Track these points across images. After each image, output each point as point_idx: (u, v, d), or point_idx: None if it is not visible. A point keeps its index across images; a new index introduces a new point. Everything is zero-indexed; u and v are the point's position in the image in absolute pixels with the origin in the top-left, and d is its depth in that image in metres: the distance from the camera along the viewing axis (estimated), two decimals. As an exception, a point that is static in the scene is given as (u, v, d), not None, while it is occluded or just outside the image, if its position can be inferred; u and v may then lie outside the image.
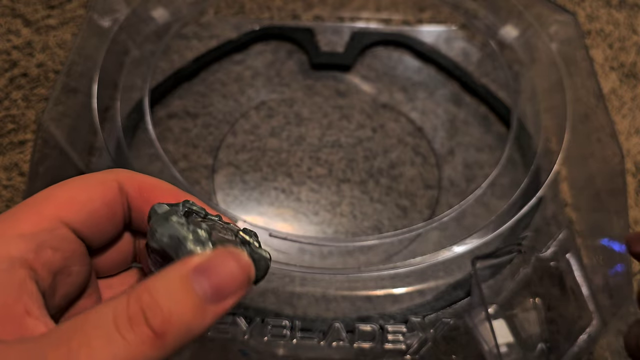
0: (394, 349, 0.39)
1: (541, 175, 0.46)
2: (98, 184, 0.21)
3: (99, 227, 0.21)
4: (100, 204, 0.21)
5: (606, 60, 0.58)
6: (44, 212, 0.19)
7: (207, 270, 0.17)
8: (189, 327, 0.16)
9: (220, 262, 0.17)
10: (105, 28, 0.51)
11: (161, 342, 0.16)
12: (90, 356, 0.15)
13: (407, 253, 0.45)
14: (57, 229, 0.19)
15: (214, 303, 0.17)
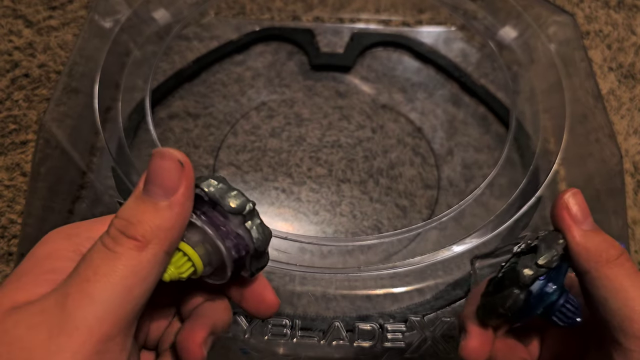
0: (394, 347, 0.39)
1: (540, 176, 0.46)
2: None
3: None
4: None
5: (605, 61, 0.58)
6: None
7: (149, 179, 0.21)
8: (162, 225, 0.20)
9: (155, 165, 0.21)
10: (107, 29, 0.52)
11: (145, 244, 0.19)
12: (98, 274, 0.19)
13: (407, 253, 0.45)
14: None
15: (168, 197, 0.20)
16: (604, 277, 0.22)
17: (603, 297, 0.22)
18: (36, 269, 0.20)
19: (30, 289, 0.19)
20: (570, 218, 0.23)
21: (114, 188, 0.45)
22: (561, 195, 0.24)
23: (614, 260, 0.22)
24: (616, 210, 0.44)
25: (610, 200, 0.45)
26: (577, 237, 0.23)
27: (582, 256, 0.23)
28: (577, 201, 0.23)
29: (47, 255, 0.21)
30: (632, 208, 0.49)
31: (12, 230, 0.46)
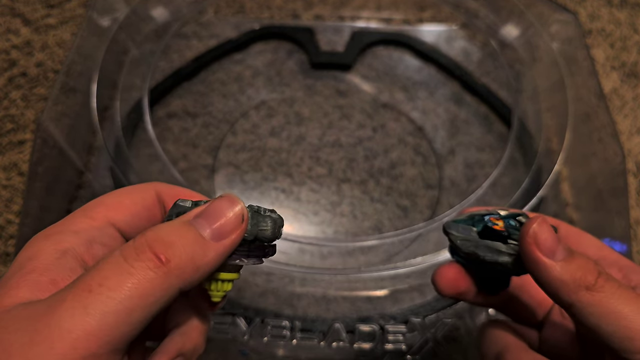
0: (395, 349, 0.39)
1: (542, 175, 0.46)
2: (140, 192, 0.24)
3: (139, 227, 0.24)
4: (141, 207, 0.24)
5: (607, 59, 0.58)
6: (95, 215, 0.22)
7: (205, 214, 0.20)
8: (192, 258, 0.19)
9: (217, 206, 0.20)
10: (105, 27, 0.51)
11: (165, 268, 0.18)
12: (102, 286, 0.17)
13: (408, 253, 0.45)
14: (106, 228, 0.22)
15: (214, 240, 0.20)
16: (589, 306, 0.21)
17: (595, 325, 0.21)
18: (19, 271, 0.20)
19: (13, 292, 0.19)
20: (540, 253, 0.22)
21: (112, 188, 0.44)
22: (526, 230, 0.22)
23: (592, 285, 0.21)
24: (619, 211, 0.44)
25: (613, 200, 0.45)
26: (552, 272, 0.22)
27: (562, 290, 0.22)
28: (544, 233, 0.22)
29: (28, 257, 0.20)
30: (634, 208, 0.48)
31: (10, 230, 0.45)
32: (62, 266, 0.20)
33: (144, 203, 0.24)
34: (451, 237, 0.25)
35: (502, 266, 0.24)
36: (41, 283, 0.19)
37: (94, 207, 0.23)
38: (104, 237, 0.22)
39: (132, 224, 0.23)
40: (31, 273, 0.20)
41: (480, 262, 0.24)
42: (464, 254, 0.25)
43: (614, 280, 0.22)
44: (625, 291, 0.21)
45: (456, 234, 0.25)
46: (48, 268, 0.20)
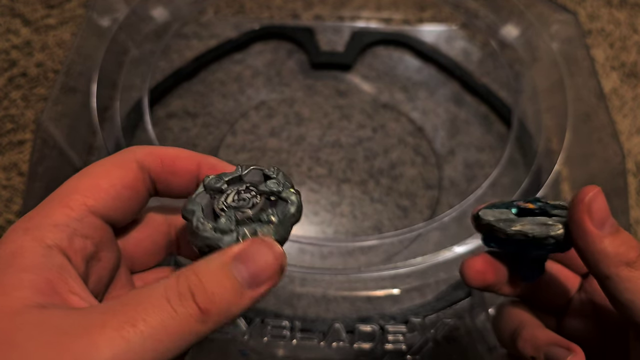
0: (395, 349, 0.39)
1: (542, 175, 0.46)
2: (118, 168, 0.22)
3: (123, 208, 0.22)
4: (121, 187, 0.22)
5: (607, 59, 0.58)
6: (73, 203, 0.21)
7: (244, 258, 0.20)
8: (229, 308, 0.19)
9: (256, 251, 0.20)
10: (105, 27, 0.51)
11: (205, 318, 0.18)
12: (146, 322, 0.17)
13: (408, 253, 0.45)
14: (86, 217, 0.21)
15: (251, 288, 0.19)
16: (625, 281, 0.22)
17: (629, 300, 0.22)
18: (7, 269, 0.19)
19: (15, 293, 0.18)
20: (591, 224, 0.22)
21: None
22: (582, 197, 0.22)
23: (633, 262, 0.22)
24: (619, 210, 0.44)
25: (613, 200, 0.45)
26: (599, 244, 0.22)
27: (602, 262, 0.22)
28: (599, 205, 0.22)
29: (12, 254, 0.19)
30: (634, 208, 0.48)
31: (9, 230, 0.45)
32: (51, 264, 0.19)
33: (124, 182, 0.22)
34: (487, 223, 0.24)
35: (553, 239, 0.23)
36: (39, 284, 0.18)
37: (70, 194, 0.21)
38: (85, 229, 0.21)
39: (113, 208, 0.22)
40: (23, 272, 0.19)
41: (525, 243, 0.24)
42: (505, 235, 0.24)
43: None
44: None
45: (494, 218, 0.24)
46: (38, 267, 0.19)
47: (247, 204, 0.22)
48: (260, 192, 0.22)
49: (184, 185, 0.24)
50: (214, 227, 0.21)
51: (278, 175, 0.23)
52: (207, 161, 0.24)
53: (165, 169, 0.23)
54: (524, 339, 0.26)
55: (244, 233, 0.21)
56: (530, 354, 0.26)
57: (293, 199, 0.22)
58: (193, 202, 0.22)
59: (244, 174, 0.23)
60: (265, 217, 0.21)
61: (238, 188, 0.22)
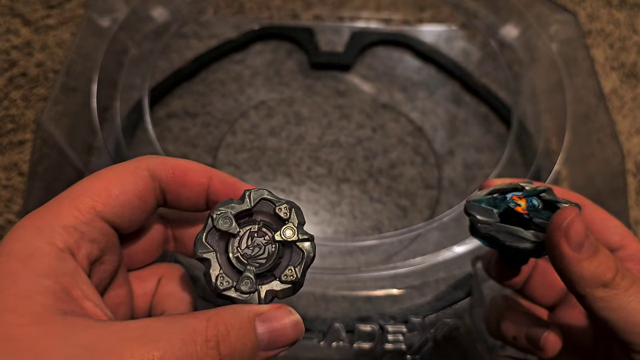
0: (394, 349, 0.39)
1: (542, 175, 0.46)
2: (130, 175, 0.22)
3: (131, 216, 0.22)
4: (132, 194, 0.22)
5: (607, 60, 0.58)
6: (82, 205, 0.21)
7: (268, 322, 0.21)
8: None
9: (279, 318, 0.21)
10: (105, 27, 0.51)
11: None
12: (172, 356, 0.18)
13: (407, 253, 0.45)
14: (94, 222, 0.21)
15: (265, 351, 0.20)
16: (600, 300, 0.22)
17: (605, 318, 0.22)
18: (23, 270, 0.19)
19: (36, 298, 0.18)
20: (568, 247, 0.22)
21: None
22: (559, 222, 0.22)
23: (609, 283, 0.22)
24: (618, 211, 0.44)
25: (612, 200, 0.45)
26: (575, 267, 0.22)
27: (579, 283, 0.22)
28: (576, 229, 0.22)
29: (28, 254, 0.19)
30: (634, 208, 0.48)
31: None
32: (65, 269, 0.19)
33: (136, 190, 0.22)
34: (472, 218, 0.25)
35: (521, 251, 0.24)
36: (56, 289, 0.18)
37: (79, 196, 0.21)
38: (93, 233, 0.21)
39: (121, 215, 0.22)
40: (41, 277, 0.19)
41: (499, 245, 0.25)
42: (482, 235, 0.25)
43: (629, 277, 0.22)
44: (639, 288, 0.22)
45: (477, 217, 0.25)
46: (53, 271, 0.19)
47: (261, 252, 0.22)
48: (273, 239, 0.22)
49: (193, 198, 0.24)
50: (235, 287, 0.22)
51: (291, 216, 0.23)
52: (218, 175, 0.24)
53: (176, 180, 0.23)
54: (508, 321, 0.27)
55: (266, 294, 0.22)
56: (512, 334, 0.27)
57: (308, 249, 0.22)
58: (204, 245, 0.22)
59: (253, 206, 0.23)
60: (285, 277, 0.22)
61: (250, 229, 0.23)
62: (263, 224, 0.23)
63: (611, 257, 0.22)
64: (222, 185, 0.24)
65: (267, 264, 0.22)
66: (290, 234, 0.22)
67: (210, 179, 0.24)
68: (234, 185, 0.24)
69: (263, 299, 0.22)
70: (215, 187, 0.24)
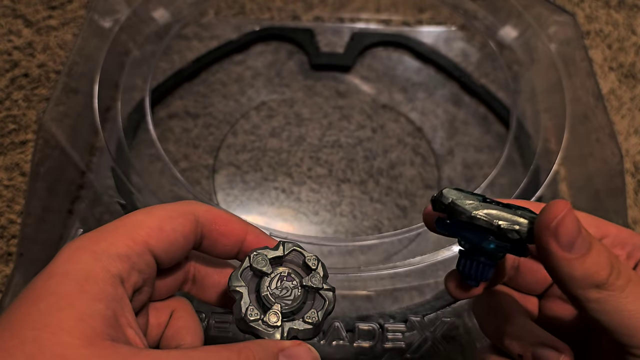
0: (394, 348, 0.39)
1: (540, 175, 0.46)
2: (180, 216, 0.24)
3: (174, 254, 0.24)
4: (180, 234, 0.24)
5: (605, 60, 0.58)
6: (137, 237, 0.22)
7: (291, 357, 0.22)
8: None
9: (301, 354, 0.22)
10: (106, 28, 0.51)
11: None
12: None
13: (407, 253, 0.45)
14: (144, 255, 0.22)
15: None
16: (593, 302, 0.21)
17: (597, 319, 0.21)
18: (80, 294, 0.20)
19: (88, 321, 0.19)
20: (558, 247, 0.20)
21: (114, 188, 0.44)
22: (548, 221, 0.20)
23: (602, 284, 0.20)
24: (617, 210, 0.44)
25: (610, 200, 0.45)
26: (565, 267, 0.21)
27: (570, 284, 0.21)
28: (566, 227, 0.20)
29: (84, 278, 0.20)
30: (632, 208, 0.48)
31: (12, 230, 0.46)
32: (116, 295, 0.21)
33: (183, 231, 0.24)
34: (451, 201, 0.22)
35: (518, 235, 0.21)
36: (107, 314, 0.20)
37: (136, 229, 0.22)
38: (141, 264, 0.22)
39: (167, 252, 0.23)
40: (96, 301, 0.20)
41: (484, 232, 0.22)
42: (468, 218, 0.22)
43: (625, 275, 0.21)
44: (636, 287, 0.21)
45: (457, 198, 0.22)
46: (107, 297, 0.20)
47: (289, 294, 0.25)
48: (302, 285, 0.25)
49: (229, 246, 0.26)
50: (263, 319, 0.24)
51: (318, 268, 0.25)
52: (253, 231, 0.26)
53: (217, 228, 0.25)
54: (511, 335, 0.25)
55: (289, 331, 0.24)
56: (518, 352, 0.25)
57: (330, 298, 0.25)
58: (238, 279, 0.24)
59: (285, 254, 0.26)
60: (308, 319, 0.24)
61: (281, 273, 0.25)
62: (293, 270, 0.25)
63: (605, 254, 0.21)
64: (257, 240, 0.26)
65: (293, 305, 0.24)
66: (317, 282, 0.25)
67: (247, 233, 0.26)
68: (267, 242, 0.26)
69: (286, 336, 0.23)
70: (250, 241, 0.26)
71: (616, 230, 0.25)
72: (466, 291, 0.25)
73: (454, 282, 0.25)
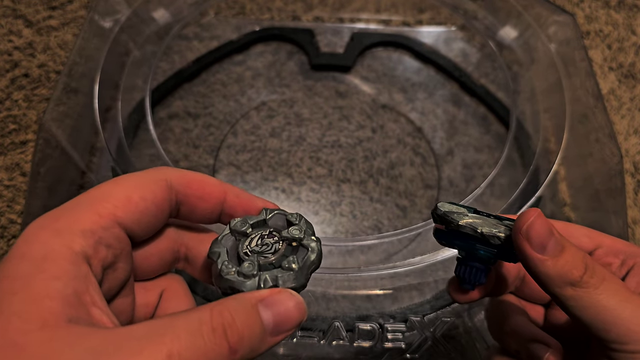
0: (394, 347, 0.39)
1: (540, 175, 0.46)
2: (150, 184, 0.22)
3: (147, 224, 0.22)
4: (150, 203, 0.22)
5: (605, 60, 0.58)
6: (103, 210, 0.21)
7: (270, 305, 0.20)
8: (252, 350, 0.20)
9: (282, 301, 0.21)
10: (107, 29, 0.52)
11: (233, 356, 0.19)
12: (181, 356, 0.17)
13: (407, 253, 0.45)
14: (112, 228, 0.21)
15: (272, 335, 0.20)
16: (570, 299, 0.22)
17: (576, 316, 0.22)
18: (37, 274, 0.18)
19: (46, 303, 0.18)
20: (531, 249, 0.22)
21: (114, 188, 0.44)
22: (519, 226, 0.23)
23: (577, 282, 0.22)
24: (616, 210, 0.44)
25: (610, 200, 0.45)
26: (540, 267, 0.22)
27: (547, 283, 0.23)
28: (536, 231, 0.22)
29: (43, 257, 0.19)
30: (632, 208, 0.49)
31: (12, 230, 0.46)
32: (78, 273, 0.19)
33: (155, 199, 0.22)
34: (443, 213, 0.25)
35: (499, 240, 0.24)
36: (67, 294, 0.18)
37: (101, 202, 0.21)
38: (109, 238, 0.21)
39: (139, 222, 0.22)
40: (54, 280, 0.18)
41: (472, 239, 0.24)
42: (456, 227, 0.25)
43: (600, 275, 0.22)
44: (610, 284, 0.22)
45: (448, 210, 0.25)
46: (67, 275, 0.19)
47: (269, 249, 0.23)
48: (282, 238, 0.23)
49: (208, 210, 0.24)
50: (238, 270, 0.22)
51: (300, 222, 0.24)
52: (233, 190, 0.24)
53: (193, 192, 0.24)
54: (509, 333, 0.27)
55: (265, 279, 0.22)
56: (515, 348, 0.27)
57: (313, 247, 0.23)
58: (219, 244, 0.23)
59: (268, 218, 0.24)
60: (286, 264, 0.22)
61: (262, 232, 0.23)
62: (274, 230, 0.24)
63: (579, 255, 0.22)
64: (237, 200, 0.24)
65: (272, 258, 0.22)
66: (297, 232, 0.23)
67: (226, 193, 0.24)
68: (249, 200, 0.25)
69: (263, 285, 0.22)
70: (231, 201, 0.24)
71: (611, 242, 0.26)
72: (464, 295, 0.27)
73: (454, 286, 0.27)
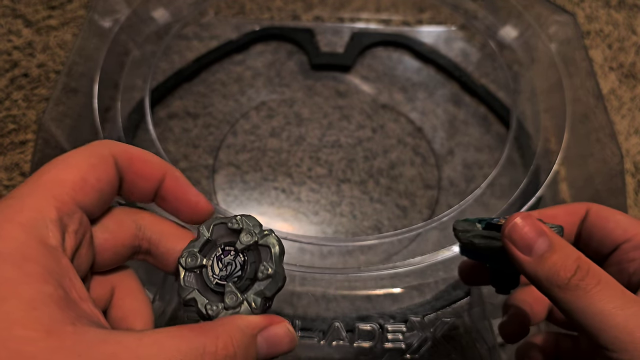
0: (394, 348, 0.39)
1: (540, 175, 0.46)
2: (101, 162, 0.21)
3: (101, 204, 0.22)
4: (105, 183, 0.21)
5: (605, 60, 0.58)
6: (63, 196, 0.20)
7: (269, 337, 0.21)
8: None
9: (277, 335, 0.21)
10: (106, 28, 0.51)
11: None
12: None
13: (407, 253, 0.45)
14: (75, 214, 0.20)
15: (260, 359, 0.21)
16: (560, 302, 0.22)
17: (567, 317, 0.22)
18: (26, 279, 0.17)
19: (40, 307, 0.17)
20: (518, 252, 0.23)
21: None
22: (504, 226, 0.23)
23: (565, 284, 0.21)
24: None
25: (610, 200, 0.45)
26: (528, 269, 0.22)
27: (536, 284, 0.23)
28: (519, 233, 0.23)
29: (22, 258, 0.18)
30: (632, 208, 0.48)
31: (11, 230, 0.46)
32: (61, 270, 0.18)
33: (108, 178, 0.21)
34: (455, 231, 0.27)
35: (493, 251, 0.25)
36: (60, 299, 0.17)
37: (58, 187, 0.20)
38: (74, 224, 0.20)
39: (96, 204, 0.21)
40: (43, 284, 0.17)
41: (483, 253, 0.26)
42: (462, 244, 0.26)
43: (595, 276, 0.21)
44: (605, 288, 0.21)
45: (459, 228, 0.26)
46: (53, 276, 0.18)
47: (235, 268, 0.23)
48: (239, 251, 0.23)
49: (146, 189, 0.24)
50: (226, 307, 0.22)
51: (243, 225, 0.23)
52: (172, 173, 0.24)
53: (135, 170, 0.23)
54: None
55: (254, 299, 0.22)
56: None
57: (272, 242, 0.23)
58: (186, 290, 0.23)
59: (210, 235, 0.24)
60: (261, 274, 0.22)
61: (216, 254, 0.23)
62: (225, 245, 0.23)
63: (571, 255, 0.22)
64: (174, 183, 0.24)
65: (243, 273, 0.23)
66: (248, 237, 0.23)
67: (165, 175, 0.24)
68: (184, 188, 0.24)
69: (255, 306, 0.22)
70: (168, 183, 0.24)
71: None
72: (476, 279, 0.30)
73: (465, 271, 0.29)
